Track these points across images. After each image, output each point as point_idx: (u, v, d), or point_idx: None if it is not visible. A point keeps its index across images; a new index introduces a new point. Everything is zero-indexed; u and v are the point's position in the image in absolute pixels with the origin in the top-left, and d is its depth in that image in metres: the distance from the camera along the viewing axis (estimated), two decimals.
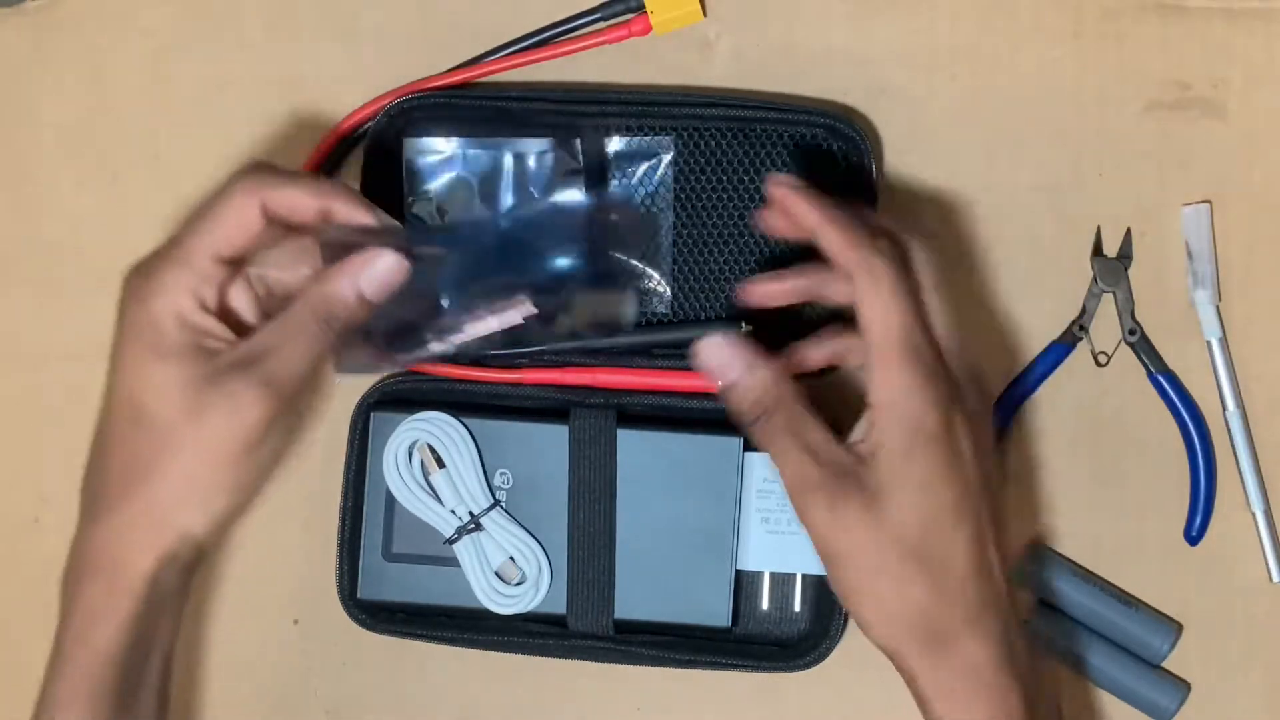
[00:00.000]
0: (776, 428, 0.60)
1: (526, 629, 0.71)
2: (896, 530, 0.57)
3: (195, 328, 0.59)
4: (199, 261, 0.59)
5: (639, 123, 0.72)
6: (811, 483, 0.58)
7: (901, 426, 0.58)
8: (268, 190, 0.59)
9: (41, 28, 0.75)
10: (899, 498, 0.57)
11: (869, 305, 0.58)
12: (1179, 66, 0.72)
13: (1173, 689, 0.72)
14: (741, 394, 0.61)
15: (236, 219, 0.59)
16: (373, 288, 0.60)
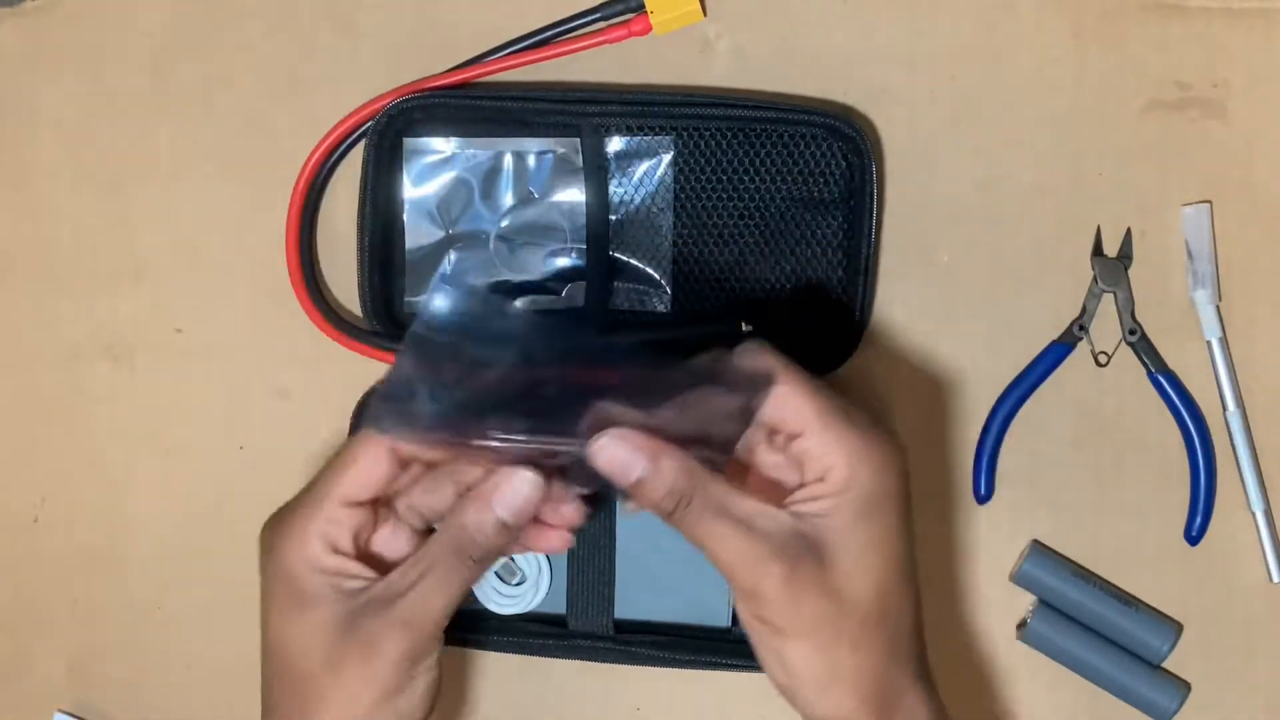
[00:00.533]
0: (700, 512, 0.56)
1: (526, 629, 0.71)
2: (855, 595, 0.55)
3: (330, 570, 0.58)
4: (327, 507, 0.58)
5: (639, 123, 0.72)
6: (757, 556, 0.55)
7: (855, 494, 0.55)
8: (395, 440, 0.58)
9: (41, 28, 0.75)
10: (855, 561, 0.55)
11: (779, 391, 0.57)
12: (1179, 66, 0.72)
13: (1173, 689, 0.72)
14: (652, 489, 0.56)
15: (363, 464, 0.58)
16: (512, 514, 0.57)
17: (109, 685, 0.75)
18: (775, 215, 0.72)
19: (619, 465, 0.56)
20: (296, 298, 0.73)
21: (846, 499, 0.56)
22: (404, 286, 0.74)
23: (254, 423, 0.75)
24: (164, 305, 0.75)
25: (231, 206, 0.75)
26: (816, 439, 0.56)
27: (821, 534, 0.55)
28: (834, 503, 0.56)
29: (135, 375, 0.75)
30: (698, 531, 0.56)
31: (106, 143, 0.75)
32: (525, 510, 0.57)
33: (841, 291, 0.72)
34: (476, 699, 0.75)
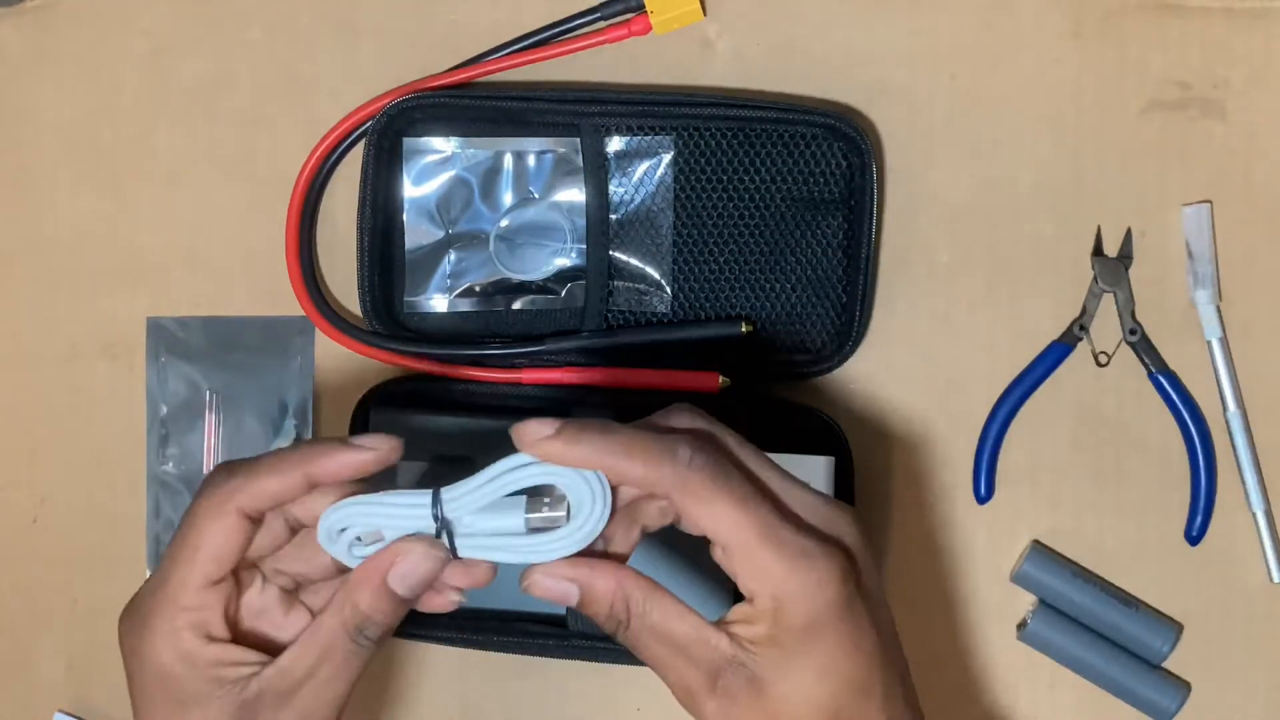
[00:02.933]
0: (636, 636, 0.54)
1: (526, 629, 0.71)
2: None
3: (210, 662, 0.54)
4: (187, 596, 0.54)
5: (639, 123, 0.72)
6: (693, 687, 0.52)
7: (791, 624, 0.52)
8: (237, 495, 0.54)
9: (41, 28, 0.75)
10: (794, 690, 0.52)
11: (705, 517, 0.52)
12: (1179, 66, 0.72)
13: (1173, 689, 0.72)
14: (592, 613, 0.54)
15: (213, 538, 0.54)
16: (407, 586, 0.54)
17: (109, 685, 0.75)
18: (775, 215, 0.72)
19: (554, 595, 0.54)
20: (296, 298, 0.73)
21: (779, 631, 0.52)
22: (404, 286, 0.74)
23: None
24: (164, 305, 0.75)
25: (231, 206, 0.75)
26: (741, 563, 0.52)
27: (758, 664, 0.52)
28: (766, 632, 0.52)
29: (135, 375, 0.75)
30: (638, 653, 0.54)
31: (106, 143, 0.75)
32: (426, 584, 0.54)
33: (841, 291, 0.72)
34: (477, 699, 0.74)
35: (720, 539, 0.52)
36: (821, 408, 0.72)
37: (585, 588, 0.53)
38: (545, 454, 0.52)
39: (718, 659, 0.52)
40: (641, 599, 0.54)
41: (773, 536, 0.52)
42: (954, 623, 0.73)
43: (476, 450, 0.70)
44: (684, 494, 0.52)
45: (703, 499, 0.52)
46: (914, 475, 0.73)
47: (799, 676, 0.52)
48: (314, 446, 0.55)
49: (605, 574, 0.54)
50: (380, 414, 0.71)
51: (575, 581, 0.53)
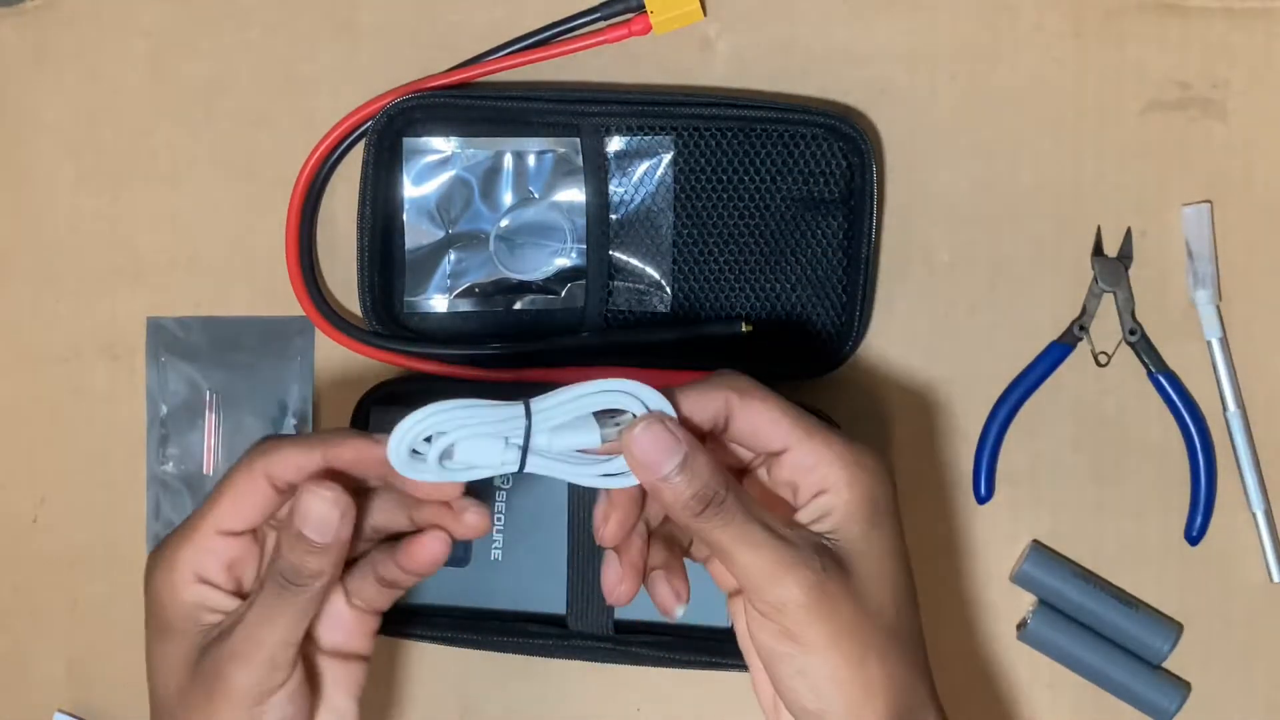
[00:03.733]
0: (730, 515, 0.54)
1: (526, 629, 0.71)
2: (877, 606, 0.54)
3: (190, 602, 0.57)
4: (199, 536, 0.57)
5: (639, 123, 0.72)
6: (789, 563, 0.53)
7: (865, 500, 0.55)
8: (264, 459, 0.57)
9: (41, 28, 0.75)
10: (873, 573, 0.55)
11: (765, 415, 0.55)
12: (1179, 66, 0.72)
13: (1173, 689, 0.72)
14: (684, 484, 0.53)
15: (238, 493, 0.57)
16: (319, 533, 0.55)
17: (109, 685, 0.75)
18: (775, 215, 0.72)
19: (653, 459, 0.53)
20: (296, 298, 0.73)
21: (854, 508, 0.55)
22: (404, 286, 0.74)
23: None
24: (164, 305, 0.75)
25: (231, 206, 0.75)
26: (804, 451, 0.55)
27: (839, 547, 0.54)
28: (843, 514, 0.55)
29: (135, 375, 0.75)
30: (725, 535, 0.53)
31: (106, 143, 0.75)
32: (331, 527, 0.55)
33: (841, 291, 0.72)
34: (477, 699, 0.74)
35: (779, 433, 0.55)
36: (821, 408, 0.72)
37: (693, 451, 0.54)
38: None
39: (809, 541, 0.54)
40: (734, 479, 0.55)
41: (824, 426, 0.56)
42: (954, 623, 0.73)
43: None
44: (741, 396, 0.55)
45: (759, 397, 0.55)
46: (914, 475, 0.73)
47: (876, 555, 0.55)
48: (339, 433, 0.57)
49: (706, 449, 0.54)
50: (380, 414, 0.71)
51: (686, 442, 0.54)
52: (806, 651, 0.54)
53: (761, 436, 0.56)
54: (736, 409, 0.55)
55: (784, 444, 0.55)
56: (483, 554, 0.71)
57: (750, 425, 0.55)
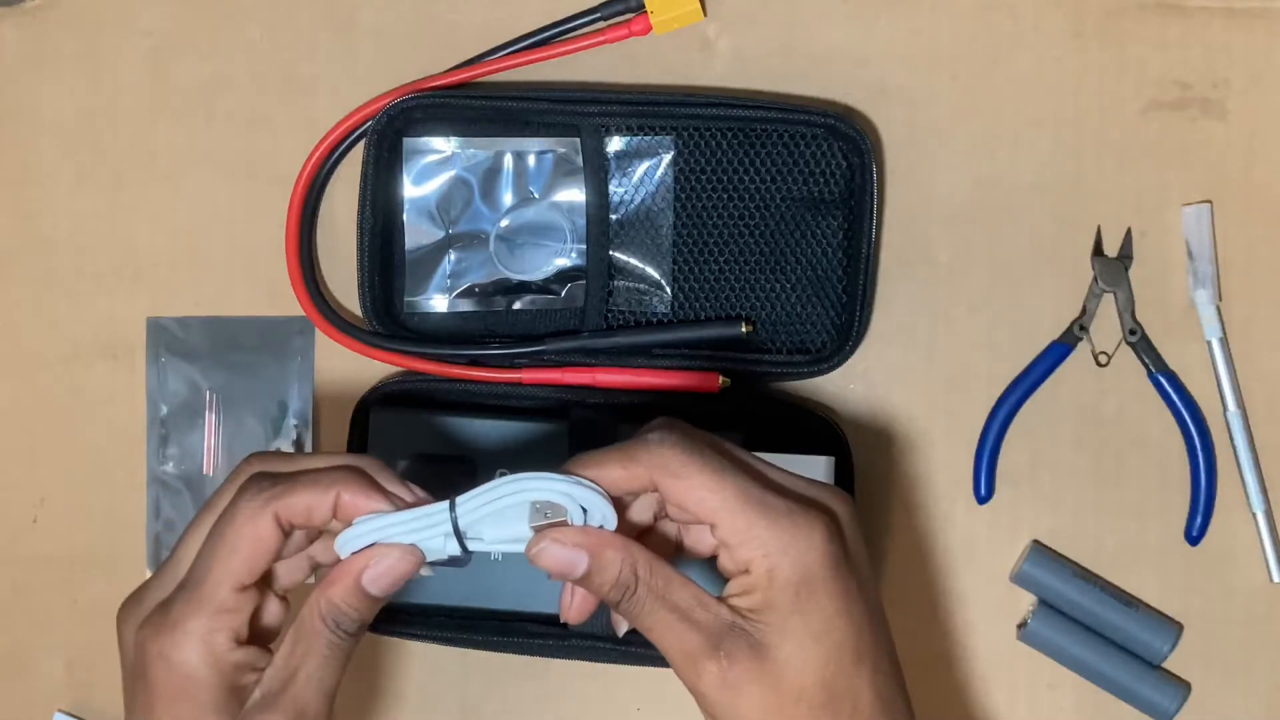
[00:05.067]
0: (642, 602, 0.54)
1: (526, 629, 0.71)
2: (795, 688, 0.53)
3: (234, 666, 0.55)
4: (221, 597, 0.54)
5: (639, 123, 0.72)
6: (695, 651, 0.53)
7: (785, 585, 0.53)
8: (276, 503, 0.54)
9: (41, 28, 0.75)
10: (793, 653, 0.53)
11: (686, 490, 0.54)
12: (1179, 66, 0.72)
13: (1173, 689, 0.72)
14: (598, 583, 0.54)
15: (250, 543, 0.54)
16: (380, 587, 0.55)
17: (109, 685, 0.75)
18: (775, 215, 0.72)
19: (562, 566, 0.54)
20: (296, 298, 0.73)
21: (774, 593, 0.53)
22: (404, 286, 0.74)
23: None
24: (164, 305, 0.75)
25: (231, 206, 0.75)
26: (729, 529, 0.53)
27: (757, 630, 0.53)
28: (762, 597, 0.53)
29: (135, 375, 0.75)
30: (642, 622, 0.55)
31: (106, 143, 0.75)
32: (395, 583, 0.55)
33: (841, 291, 0.72)
34: (477, 699, 0.74)
35: (705, 511, 0.53)
36: (821, 408, 0.72)
37: (595, 554, 0.54)
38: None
39: (719, 625, 0.53)
40: (648, 566, 0.54)
41: (755, 498, 0.53)
42: (954, 623, 0.73)
43: (476, 450, 0.71)
44: (662, 473, 0.54)
45: (680, 474, 0.54)
46: (914, 475, 0.73)
47: (797, 639, 0.53)
48: (348, 476, 0.55)
49: (614, 543, 0.54)
50: (380, 414, 0.71)
51: (585, 549, 0.54)
52: None
53: (690, 511, 0.54)
54: (662, 487, 0.54)
55: (710, 519, 0.54)
56: (483, 554, 0.70)
57: (677, 502, 0.54)
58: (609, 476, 0.54)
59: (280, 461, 0.57)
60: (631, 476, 0.54)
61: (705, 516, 0.54)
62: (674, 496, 0.54)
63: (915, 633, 0.73)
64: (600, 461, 0.55)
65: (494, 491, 0.55)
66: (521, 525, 0.55)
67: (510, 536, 0.55)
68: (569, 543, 0.54)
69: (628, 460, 0.54)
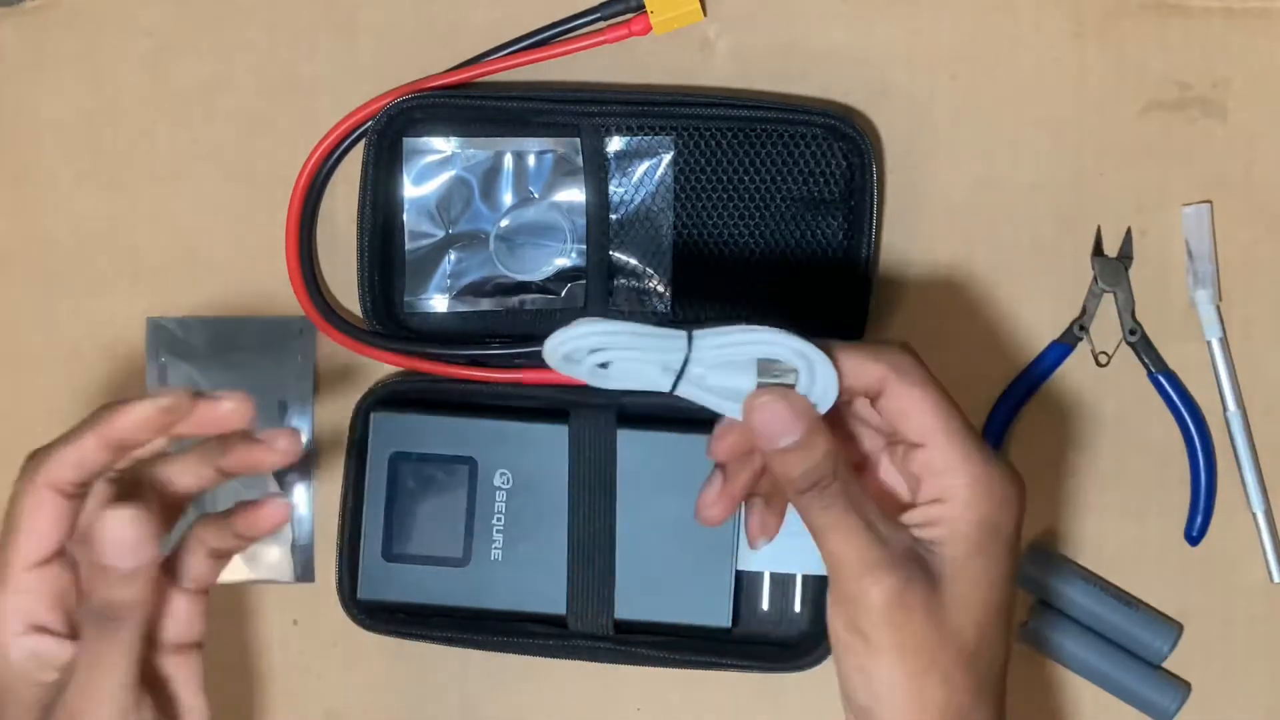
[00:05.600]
0: (834, 499, 0.53)
1: (526, 629, 0.71)
2: (956, 628, 0.52)
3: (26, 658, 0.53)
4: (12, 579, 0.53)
5: (639, 123, 0.72)
6: (875, 562, 0.52)
7: (977, 522, 0.53)
8: (40, 470, 0.53)
9: (41, 28, 0.75)
10: (963, 595, 0.53)
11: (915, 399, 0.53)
12: (1179, 66, 0.72)
13: (1173, 689, 0.72)
14: (796, 461, 0.53)
15: (29, 516, 0.53)
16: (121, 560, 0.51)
17: None
18: (775, 215, 0.72)
19: (774, 428, 0.52)
20: (296, 298, 0.73)
21: (963, 528, 0.53)
22: (404, 286, 0.74)
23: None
24: (164, 305, 0.75)
25: (231, 206, 0.75)
26: (940, 453, 0.53)
27: (935, 560, 0.53)
28: (950, 530, 0.53)
29: (135, 375, 0.75)
30: (824, 519, 0.53)
31: (106, 143, 0.75)
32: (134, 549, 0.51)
33: (842, 291, 0.72)
34: (477, 699, 0.75)
35: (925, 427, 0.53)
36: None
37: (810, 431, 0.52)
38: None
39: (904, 545, 0.53)
40: (848, 470, 0.53)
41: (971, 434, 0.54)
42: None
43: (476, 450, 0.71)
44: (899, 377, 0.53)
45: (916, 383, 0.53)
46: None
47: (971, 580, 0.53)
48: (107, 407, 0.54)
49: (826, 430, 0.53)
50: (380, 414, 0.71)
51: (806, 420, 0.52)
52: (871, 652, 0.53)
53: (906, 423, 0.54)
54: (891, 387, 0.53)
55: (923, 439, 0.53)
56: (483, 554, 0.71)
57: (899, 408, 0.54)
58: (848, 360, 0.53)
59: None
60: (868, 371, 0.54)
61: (921, 434, 0.53)
62: (899, 404, 0.53)
63: None
64: (846, 347, 0.54)
65: (732, 335, 0.52)
66: (748, 379, 0.52)
67: (732, 387, 0.53)
68: (795, 407, 0.52)
69: (871, 354, 0.54)
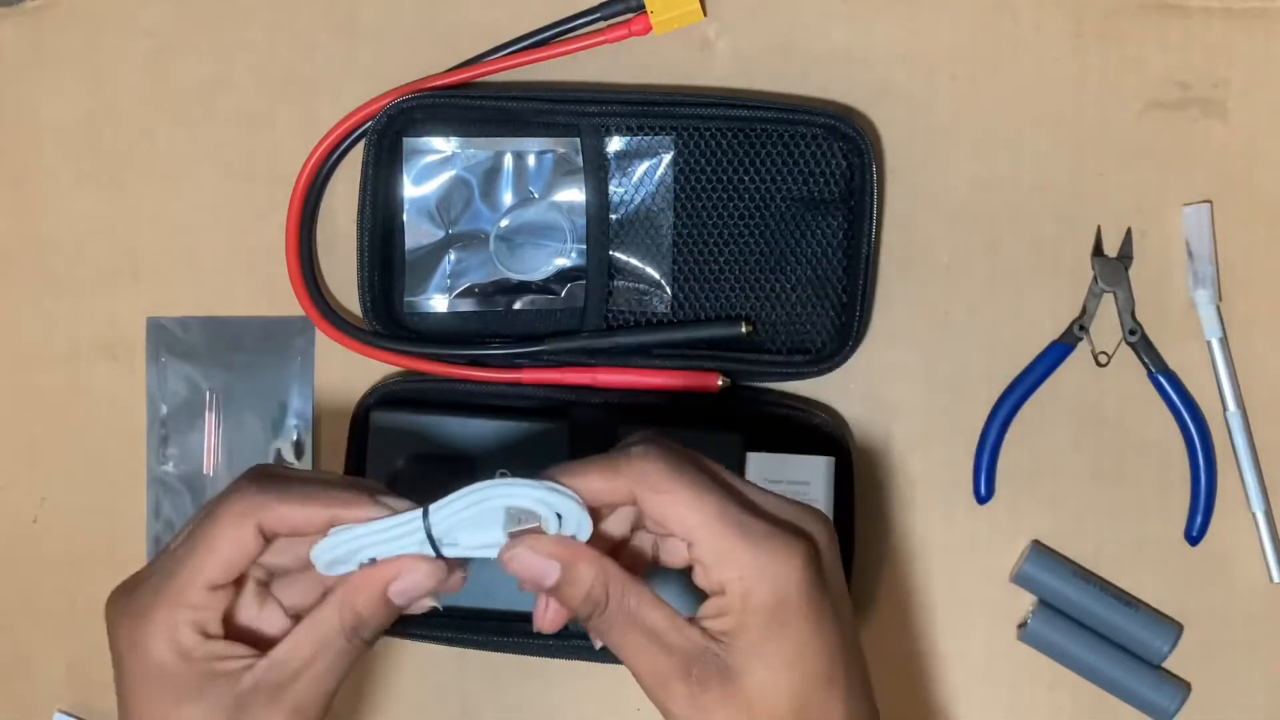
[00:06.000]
0: (613, 620, 0.54)
1: (526, 629, 0.71)
2: (767, 711, 0.52)
3: (204, 657, 0.55)
4: (192, 594, 0.55)
5: (639, 123, 0.72)
6: (665, 674, 0.53)
7: (759, 609, 0.52)
8: (263, 512, 0.54)
9: (41, 28, 0.75)
10: (765, 679, 0.52)
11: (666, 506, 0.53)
12: (1179, 66, 0.72)
13: (1173, 689, 0.72)
14: (568, 596, 0.54)
15: (229, 546, 0.54)
16: (405, 599, 0.55)
17: (109, 685, 0.75)
18: (775, 215, 0.72)
19: (533, 575, 0.53)
20: (296, 298, 0.73)
21: (747, 617, 0.52)
22: (404, 286, 0.74)
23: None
24: (164, 305, 0.75)
25: (231, 206, 0.75)
26: (707, 549, 0.52)
27: (730, 654, 0.52)
28: (736, 620, 0.52)
29: (135, 375, 0.75)
30: (611, 639, 0.54)
31: (106, 143, 0.75)
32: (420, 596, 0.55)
33: (841, 291, 0.72)
34: (477, 699, 0.74)
35: (683, 528, 0.53)
36: (821, 408, 0.72)
37: (568, 566, 0.53)
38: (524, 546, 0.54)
39: (691, 648, 0.52)
40: (620, 584, 0.54)
41: (734, 519, 0.53)
42: (954, 623, 0.73)
43: (476, 450, 0.71)
44: (644, 487, 0.53)
45: (661, 488, 0.53)
46: (914, 475, 0.73)
47: (769, 665, 0.52)
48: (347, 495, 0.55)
49: (588, 556, 0.54)
50: (380, 414, 0.71)
51: (558, 559, 0.53)
52: None
53: (669, 526, 0.53)
54: (642, 500, 0.53)
55: (688, 536, 0.53)
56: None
57: (656, 516, 0.53)
58: (589, 486, 0.54)
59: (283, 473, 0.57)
60: (612, 488, 0.54)
61: (684, 534, 0.53)
62: (654, 511, 0.53)
63: (915, 633, 0.73)
64: (582, 471, 0.54)
65: (469, 497, 0.54)
66: (496, 531, 0.54)
67: (485, 542, 0.54)
68: (542, 551, 0.53)
69: (610, 471, 0.54)
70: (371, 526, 0.55)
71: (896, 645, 0.73)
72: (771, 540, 0.53)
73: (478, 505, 0.54)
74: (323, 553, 0.55)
